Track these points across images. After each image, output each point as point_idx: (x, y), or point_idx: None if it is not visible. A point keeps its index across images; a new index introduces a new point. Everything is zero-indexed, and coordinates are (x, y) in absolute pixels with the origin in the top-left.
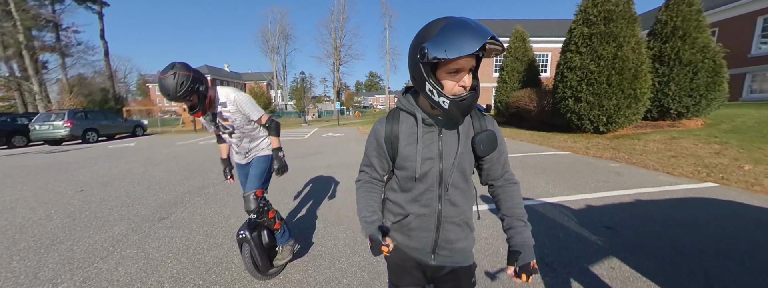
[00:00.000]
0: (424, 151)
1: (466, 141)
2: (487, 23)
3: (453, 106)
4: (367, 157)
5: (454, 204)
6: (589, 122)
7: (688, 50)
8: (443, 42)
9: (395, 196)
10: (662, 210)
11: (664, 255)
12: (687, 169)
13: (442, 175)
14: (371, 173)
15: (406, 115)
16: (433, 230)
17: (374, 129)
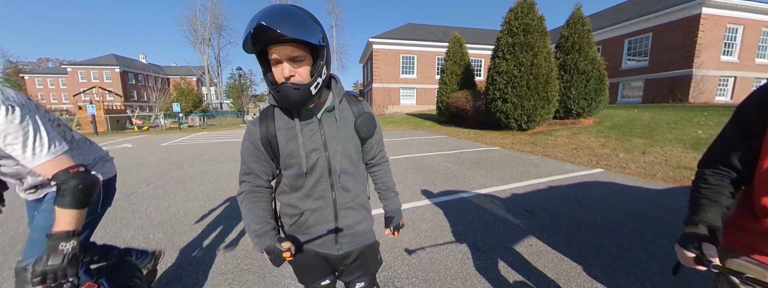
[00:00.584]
0: (307, 144)
1: (348, 125)
2: (428, 28)
3: (274, 96)
4: (245, 165)
5: (346, 190)
6: (514, 121)
7: (582, 61)
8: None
9: (287, 198)
10: (567, 193)
11: (567, 230)
12: (584, 158)
13: (330, 163)
14: (253, 181)
15: (281, 111)
16: (332, 220)
17: (248, 132)
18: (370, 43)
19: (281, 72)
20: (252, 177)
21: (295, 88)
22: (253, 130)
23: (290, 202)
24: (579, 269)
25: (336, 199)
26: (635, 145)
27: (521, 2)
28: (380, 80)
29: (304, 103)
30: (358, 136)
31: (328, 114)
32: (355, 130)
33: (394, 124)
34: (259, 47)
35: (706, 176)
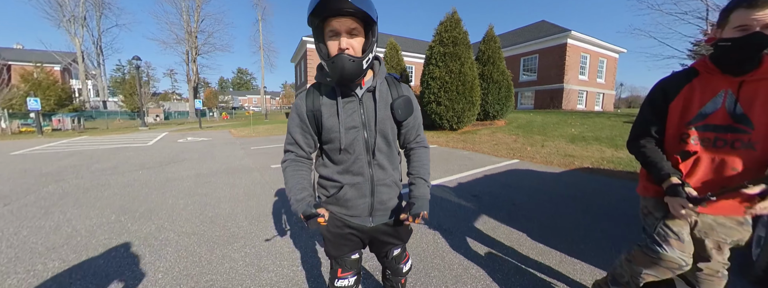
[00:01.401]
0: (346, 121)
1: (386, 107)
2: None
3: (328, 67)
4: (290, 135)
5: (382, 168)
6: (446, 121)
7: (496, 72)
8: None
9: (327, 171)
10: (499, 179)
11: (507, 207)
12: (504, 152)
13: (367, 142)
14: (297, 151)
15: (326, 87)
16: (368, 195)
17: (295, 105)
18: (304, 41)
19: (338, 44)
20: (295, 147)
21: (350, 59)
22: (300, 103)
23: (330, 175)
24: (525, 236)
25: (373, 176)
26: (536, 140)
27: (450, 17)
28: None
29: (356, 75)
30: (394, 118)
31: (368, 94)
32: (391, 112)
33: None
34: (324, 16)
35: (644, 144)
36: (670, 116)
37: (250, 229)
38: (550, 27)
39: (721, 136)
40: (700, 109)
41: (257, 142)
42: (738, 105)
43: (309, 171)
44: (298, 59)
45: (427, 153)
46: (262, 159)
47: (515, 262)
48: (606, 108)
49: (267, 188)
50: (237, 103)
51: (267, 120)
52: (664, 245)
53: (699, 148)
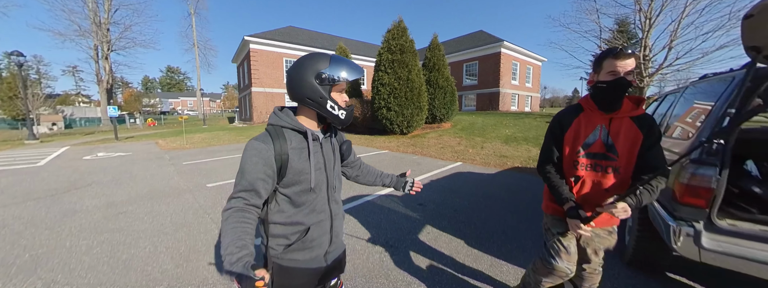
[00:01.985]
0: (315, 163)
1: (337, 149)
2: (312, 34)
3: (348, 115)
4: (247, 182)
5: (337, 202)
6: (397, 126)
7: (441, 78)
8: (340, 68)
9: (287, 216)
10: (443, 184)
11: (449, 214)
12: (449, 154)
13: (328, 180)
14: (251, 199)
15: (292, 132)
16: (328, 231)
17: (256, 150)
18: (247, 41)
19: (344, 98)
20: (251, 194)
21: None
22: (266, 147)
23: (292, 220)
24: (462, 243)
25: (331, 211)
26: (477, 142)
27: (396, 25)
28: (261, 84)
29: None
30: (341, 159)
31: (326, 139)
32: (340, 154)
33: None
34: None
35: (550, 171)
36: (565, 144)
37: (176, 272)
38: (487, 36)
39: (598, 162)
40: (585, 140)
41: (192, 155)
42: (609, 137)
43: (254, 225)
44: (241, 60)
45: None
46: (196, 177)
47: (452, 271)
48: (533, 109)
49: (201, 214)
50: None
51: (205, 126)
52: (556, 257)
53: (584, 172)
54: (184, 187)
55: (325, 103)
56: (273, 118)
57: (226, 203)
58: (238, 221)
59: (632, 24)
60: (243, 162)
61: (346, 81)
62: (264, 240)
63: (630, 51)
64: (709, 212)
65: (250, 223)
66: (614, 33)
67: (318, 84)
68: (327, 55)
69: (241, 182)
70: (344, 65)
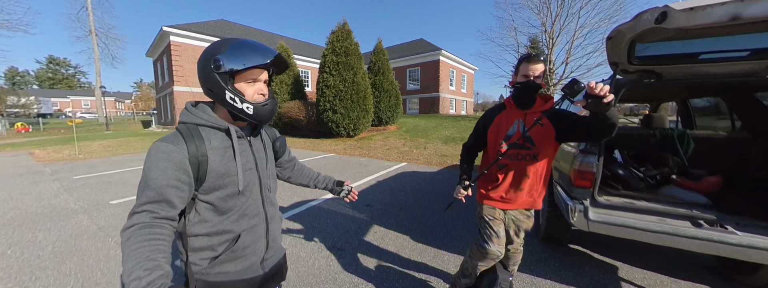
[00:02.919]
0: (243, 163)
1: (269, 147)
2: (248, 30)
3: (258, 111)
4: (154, 192)
5: (273, 204)
6: (343, 129)
7: (385, 82)
8: (241, 53)
9: (211, 226)
10: (389, 184)
11: (395, 212)
12: (395, 156)
13: (261, 180)
14: (161, 211)
15: (211, 130)
16: (264, 236)
17: (164, 152)
18: (166, 33)
19: (257, 90)
20: (161, 206)
21: (276, 103)
22: (176, 149)
23: (218, 228)
24: (408, 238)
25: (267, 213)
26: (420, 143)
27: (341, 27)
28: (185, 82)
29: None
30: (275, 157)
31: (254, 136)
32: (273, 152)
33: None
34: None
35: (467, 152)
36: (489, 136)
37: None
38: (427, 44)
39: (518, 151)
40: (506, 132)
41: (88, 168)
42: (526, 129)
43: (169, 240)
44: (158, 54)
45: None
46: (94, 193)
47: (399, 267)
48: (468, 112)
49: (102, 238)
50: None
51: (109, 132)
52: (489, 242)
53: (507, 161)
54: (75, 207)
55: (224, 94)
56: (185, 115)
57: (127, 221)
58: (145, 240)
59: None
60: (146, 168)
61: (249, 67)
62: (183, 256)
63: (542, 58)
64: (592, 191)
65: (163, 239)
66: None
67: (214, 72)
68: (229, 39)
69: (145, 193)
70: (246, 49)
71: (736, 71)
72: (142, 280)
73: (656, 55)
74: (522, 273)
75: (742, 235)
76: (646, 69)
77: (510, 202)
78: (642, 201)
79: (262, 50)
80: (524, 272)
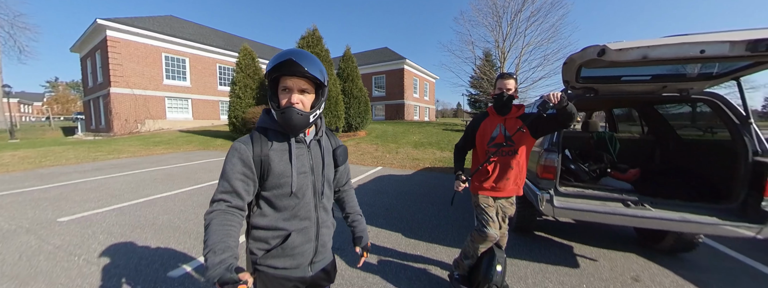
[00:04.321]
0: (297, 166)
1: (329, 154)
2: (203, 30)
3: (278, 117)
4: (227, 183)
5: (326, 210)
6: None
7: (355, 89)
8: (271, 63)
9: (268, 221)
10: (370, 187)
11: (382, 213)
12: (370, 160)
13: (315, 185)
14: (233, 200)
15: (276, 133)
16: (314, 239)
17: (237, 150)
18: (101, 26)
19: (288, 98)
20: (232, 196)
21: (299, 113)
22: (245, 147)
23: (272, 224)
24: (400, 235)
25: (318, 218)
26: (392, 148)
27: (311, 33)
28: (126, 84)
29: (302, 127)
30: (334, 164)
31: (315, 142)
32: (333, 159)
33: (168, 146)
34: (277, 75)
35: (459, 151)
36: (477, 138)
37: None
38: (392, 53)
39: (502, 149)
40: (491, 135)
41: (5, 183)
42: (506, 131)
43: (239, 227)
44: (89, 50)
45: (353, 192)
46: (30, 211)
47: (398, 260)
48: (431, 118)
49: (65, 257)
50: None
51: (16, 140)
52: (488, 226)
53: (495, 157)
54: (11, 227)
55: (272, 101)
56: (260, 120)
57: (209, 206)
58: (223, 223)
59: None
60: (225, 163)
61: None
62: (248, 243)
63: (514, 76)
64: (555, 183)
65: (234, 225)
66: (483, 61)
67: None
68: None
69: (222, 183)
70: (274, 57)
71: (642, 90)
72: (217, 257)
73: (594, 77)
74: None
75: (654, 210)
76: (587, 86)
77: (499, 190)
78: (589, 190)
79: (278, 58)
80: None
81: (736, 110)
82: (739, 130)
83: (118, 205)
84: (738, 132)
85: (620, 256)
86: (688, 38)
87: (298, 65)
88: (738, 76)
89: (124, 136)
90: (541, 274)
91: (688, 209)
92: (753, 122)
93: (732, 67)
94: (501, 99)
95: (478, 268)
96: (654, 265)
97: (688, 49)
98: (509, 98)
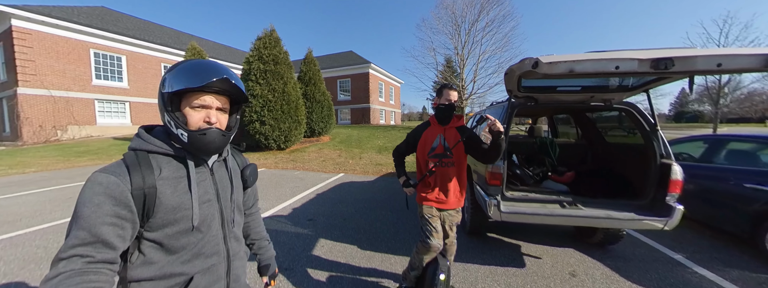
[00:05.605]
0: (200, 194)
1: (237, 175)
2: (143, 24)
3: (192, 139)
4: (86, 232)
5: (237, 239)
6: (273, 141)
7: (317, 93)
8: (181, 76)
9: (157, 269)
10: (329, 196)
11: (339, 224)
12: (331, 167)
13: (223, 214)
14: (98, 254)
15: (164, 158)
16: (224, 276)
17: (101, 185)
18: (4, 13)
19: (204, 116)
20: (95, 247)
21: (223, 134)
22: (116, 180)
23: (167, 271)
24: (355, 248)
25: (229, 251)
26: (355, 153)
27: (268, 34)
28: (40, 83)
29: (221, 149)
30: (244, 186)
31: (219, 164)
32: (242, 181)
33: (95, 156)
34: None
35: (400, 156)
36: (418, 147)
37: None
38: (357, 57)
39: (442, 159)
40: (432, 145)
41: None
42: (445, 141)
43: (110, 286)
44: None
45: (260, 215)
46: None
47: (351, 275)
48: (397, 122)
49: None
50: None
51: None
52: (430, 237)
53: (436, 168)
54: None
55: (164, 116)
56: (135, 140)
57: (50, 270)
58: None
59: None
60: (79, 204)
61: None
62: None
63: (454, 88)
64: (502, 188)
65: (104, 284)
66: (444, 67)
67: (160, 93)
68: (190, 60)
69: (76, 234)
70: (190, 71)
71: (574, 99)
72: None
73: (533, 86)
74: (455, 262)
75: (585, 209)
76: (528, 95)
77: (443, 202)
78: (532, 193)
79: (204, 72)
80: (457, 261)
81: (646, 118)
82: (650, 136)
83: (8, 234)
84: (649, 137)
85: (560, 251)
86: (606, 55)
87: (233, 85)
88: (648, 88)
89: (38, 146)
90: (490, 278)
91: (612, 207)
92: (659, 129)
93: (642, 80)
94: (449, 109)
95: (423, 279)
96: (588, 258)
97: (606, 64)
98: (451, 108)
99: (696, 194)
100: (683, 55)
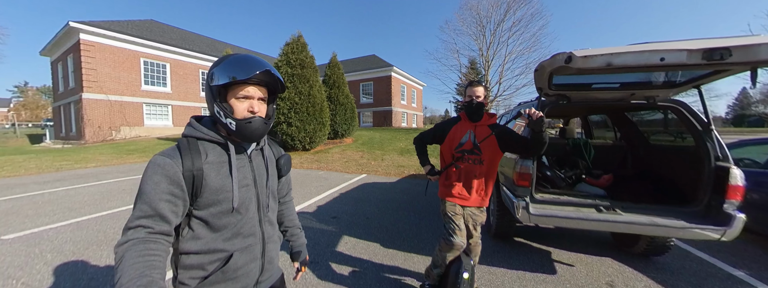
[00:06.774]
0: (239, 179)
1: (272, 164)
2: (185, 34)
3: (240, 127)
4: (148, 206)
5: (272, 223)
6: (299, 142)
7: (341, 95)
8: (228, 69)
9: (204, 244)
10: (353, 195)
11: (362, 222)
12: (354, 168)
13: (259, 198)
14: (156, 226)
15: (210, 144)
16: (259, 257)
17: (160, 166)
18: (74, 29)
19: (248, 106)
20: (155, 220)
21: (265, 122)
22: (171, 162)
23: (210, 246)
24: (378, 246)
25: (264, 233)
26: (378, 155)
27: (296, 40)
28: (100, 89)
29: (261, 137)
30: (278, 174)
31: (256, 152)
32: (276, 169)
33: (143, 154)
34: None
35: (421, 143)
36: (446, 142)
37: None
38: (379, 60)
39: (470, 156)
40: (460, 140)
41: None
42: (475, 138)
43: (165, 256)
44: (60, 53)
45: (293, 203)
46: None
47: (374, 271)
48: (419, 125)
49: (3, 279)
50: None
51: None
52: (453, 235)
53: (462, 163)
54: None
55: (213, 107)
56: (187, 129)
57: (121, 236)
58: (139, 255)
59: (479, 64)
60: (142, 182)
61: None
62: (176, 274)
63: (482, 83)
64: (531, 190)
65: (158, 255)
66: (468, 69)
67: (208, 85)
68: (234, 54)
69: (139, 207)
70: (237, 64)
71: (612, 97)
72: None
73: (566, 84)
74: (480, 265)
75: (625, 215)
76: (560, 93)
77: (465, 199)
78: (564, 196)
79: (248, 66)
80: (482, 264)
81: (698, 117)
82: (702, 136)
83: (75, 219)
84: (701, 138)
85: (596, 260)
86: (649, 46)
87: (274, 77)
88: (699, 84)
89: (97, 144)
90: (518, 283)
91: (657, 213)
92: (714, 129)
93: (693, 75)
94: (470, 106)
95: (446, 277)
96: (628, 268)
97: (649, 56)
98: (479, 105)
99: (762, 205)
100: (742, 44)
